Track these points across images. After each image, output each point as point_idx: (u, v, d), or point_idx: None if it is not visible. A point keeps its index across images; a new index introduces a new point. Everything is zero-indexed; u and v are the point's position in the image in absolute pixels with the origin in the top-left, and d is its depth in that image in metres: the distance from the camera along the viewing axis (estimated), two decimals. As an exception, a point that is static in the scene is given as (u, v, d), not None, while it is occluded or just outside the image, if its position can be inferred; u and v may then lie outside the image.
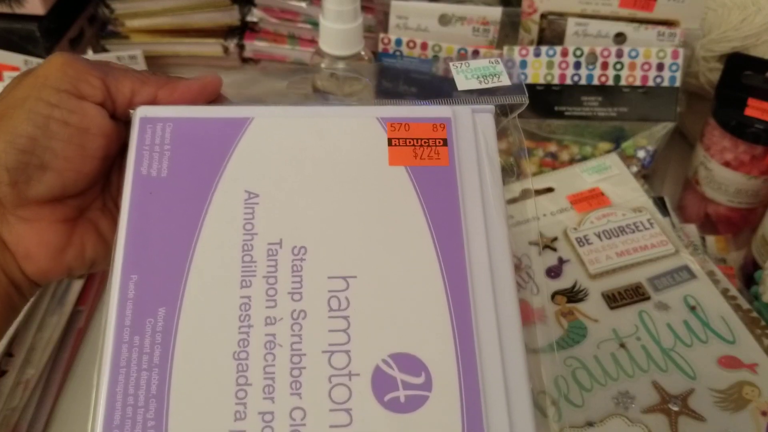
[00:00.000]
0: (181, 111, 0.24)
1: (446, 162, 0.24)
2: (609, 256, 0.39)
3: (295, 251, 0.22)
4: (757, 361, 0.34)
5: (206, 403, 0.20)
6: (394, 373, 0.20)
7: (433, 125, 0.24)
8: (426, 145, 0.24)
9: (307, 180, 0.23)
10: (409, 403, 0.20)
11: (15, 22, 0.48)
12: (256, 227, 0.22)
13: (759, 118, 0.42)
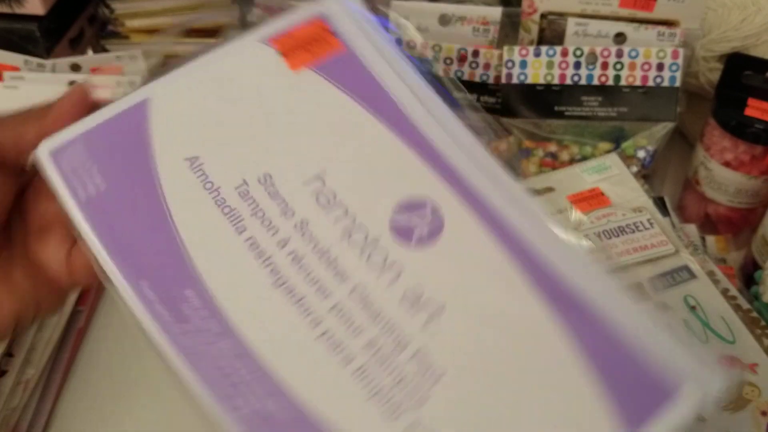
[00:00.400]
0: (80, 126, 0.24)
1: (342, 48, 0.24)
2: (609, 257, 0.39)
3: (261, 180, 0.23)
4: (757, 361, 0.34)
5: (285, 336, 0.21)
6: (405, 218, 0.22)
7: (312, 23, 0.24)
8: (316, 41, 0.24)
9: (233, 123, 0.23)
10: (433, 232, 0.22)
11: (15, 22, 0.48)
12: (215, 182, 0.22)
13: (759, 118, 0.42)
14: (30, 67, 0.49)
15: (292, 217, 0.22)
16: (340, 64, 0.24)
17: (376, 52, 0.24)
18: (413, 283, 0.21)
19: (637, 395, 0.19)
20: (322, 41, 0.24)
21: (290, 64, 0.24)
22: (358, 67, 0.24)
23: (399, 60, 0.24)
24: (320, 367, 0.20)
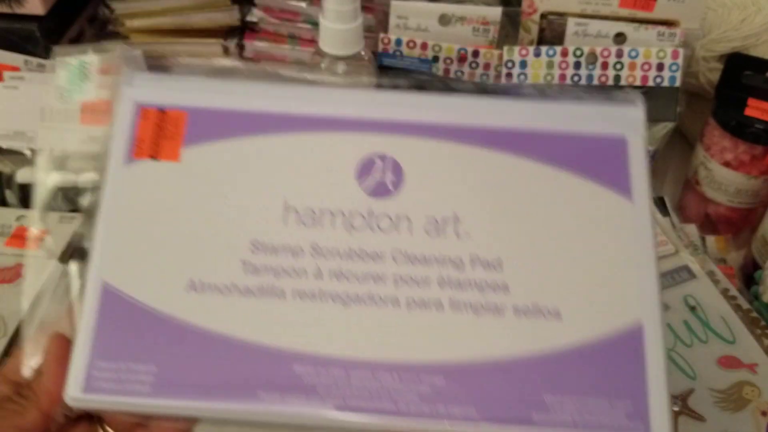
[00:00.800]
0: (82, 353, 0.23)
1: (183, 113, 0.26)
2: (609, 256, 0.39)
3: (253, 249, 0.24)
4: (756, 361, 0.34)
5: (392, 330, 0.23)
6: (370, 179, 0.25)
7: (143, 117, 0.26)
8: (162, 127, 0.26)
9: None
10: (397, 174, 0.25)
11: (15, 22, 0.48)
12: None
13: (759, 118, 0.42)
14: (30, 67, 0.49)
15: (301, 253, 0.24)
16: (198, 125, 0.25)
17: (207, 96, 0.26)
18: (423, 217, 0.24)
19: (608, 166, 0.25)
20: (166, 123, 0.25)
21: (169, 157, 0.25)
22: (215, 114, 0.26)
23: (228, 84, 0.26)
24: (419, 327, 0.23)
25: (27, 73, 0.48)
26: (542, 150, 0.25)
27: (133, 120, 0.26)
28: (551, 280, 0.24)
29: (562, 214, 0.25)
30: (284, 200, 0.25)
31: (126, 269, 0.24)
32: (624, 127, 0.26)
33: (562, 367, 0.23)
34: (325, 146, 0.25)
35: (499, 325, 0.23)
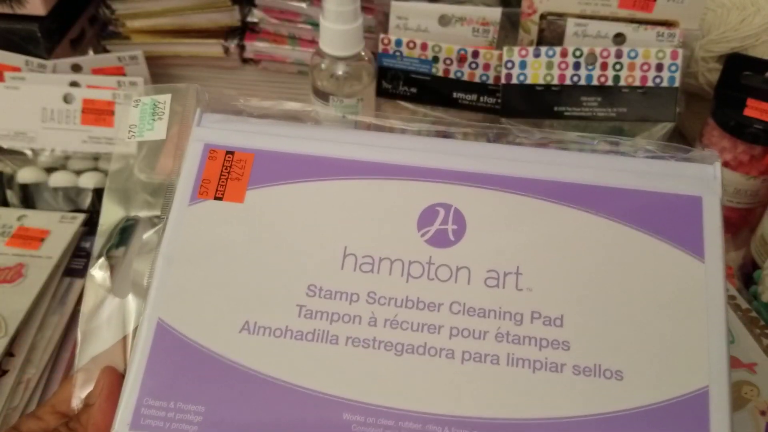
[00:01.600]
0: (132, 390, 0.23)
1: (250, 155, 0.26)
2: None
3: (309, 293, 0.24)
4: (756, 361, 0.34)
5: (447, 384, 0.23)
6: (431, 229, 0.25)
7: (211, 157, 0.26)
8: (229, 168, 0.26)
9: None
10: (459, 224, 0.25)
11: (16, 22, 0.48)
12: (275, 328, 0.25)
13: (758, 118, 0.42)
14: (31, 67, 0.49)
15: (357, 300, 0.24)
16: (264, 167, 0.26)
17: (274, 139, 0.26)
18: (483, 269, 0.24)
19: (681, 225, 0.24)
20: (233, 164, 0.26)
21: (233, 198, 0.25)
22: (281, 157, 0.26)
23: (288, 126, 0.27)
24: (473, 381, 0.22)
25: (28, 74, 0.49)
26: (611, 206, 0.25)
27: (202, 160, 0.26)
28: (615, 340, 0.23)
29: (629, 273, 0.24)
30: (344, 246, 0.25)
31: (182, 308, 0.24)
32: (699, 187, 0.25)
33: (621, 429, 0.22)
34: (388, 193, 0.25)
35: (558, 383, 0.23)
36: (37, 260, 0.42)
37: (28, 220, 0.45)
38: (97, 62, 0.49)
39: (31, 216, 0.45)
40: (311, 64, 0.44)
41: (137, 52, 0.50)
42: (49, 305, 0.41)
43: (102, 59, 0.50)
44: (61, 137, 0.48)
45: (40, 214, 0.46)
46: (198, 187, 0.25)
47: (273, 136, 0.26)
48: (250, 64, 0.54)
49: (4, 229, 0.44)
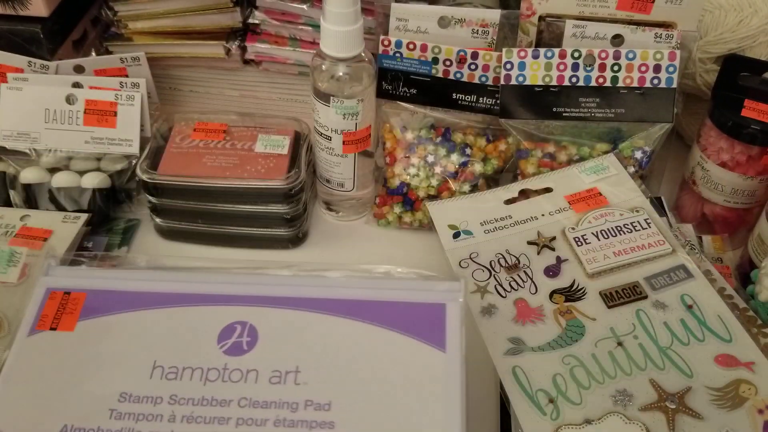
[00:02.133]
0: None
1: (83, 294, 0.33)
2: (607, 256, 0.40)
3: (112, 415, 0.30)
4: (753, 360, 0.34)
5: None
6: (229, 342, 0.32)
7: (51, 297, 0.33)
8: (64, 305, 0.33)
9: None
10: (252, 336, 0.33)
11: (18, 23, 0.49)
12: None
13: (755, 118, 0.42)
14: (34, 68, 0.49)
15: (160, 402, 0.30)
16: (94, 303, 0.33)
17: (104, 281, 0.34)
18: (269, 370, 0.31)
19: (428, 326, 0.32)
20: (69, 301, 0.33)
21: (65, 328, 0.32)
22: (107, 294, 0.33)
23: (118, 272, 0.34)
24: None
25: (31, 75, 0.49)
26: (374, 314, 0.32)
27: (43, 301, 0.33)
28: (373, 419, 0.29)
29: (385, 364, 0.31)
30: (153, 360, 0.31)
31: (14, 417, 0.30)
32: (445, 297, 0.33)
33: None
34: (194, 317, 0.33)
35: None
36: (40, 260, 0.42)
37: (31, 220, 0.45)
38: (99, 63, 0.50)
39: (34, 216, 0.46)
40: (312, 66, 0.44)
41: (139, 54, 0.50)
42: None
43: (104, 60, 0.50)
44: (64, 138, 0.48)
45: (43, 214, 0.46)
46: (37, 321, 0.33)
47: (102, 279, 0.34)
48: (251, 65, 0.54)
49: (8, 229, 0.45)
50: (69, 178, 0.47)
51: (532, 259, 0.40)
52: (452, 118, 0.47)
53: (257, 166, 0.45)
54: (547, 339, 0.36)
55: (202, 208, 0.46)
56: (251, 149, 0.47)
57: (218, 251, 0.48)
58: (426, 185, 0.47)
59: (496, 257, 0.41)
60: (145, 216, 0.49)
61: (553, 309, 0.38)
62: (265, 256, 0.47)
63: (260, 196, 0.45)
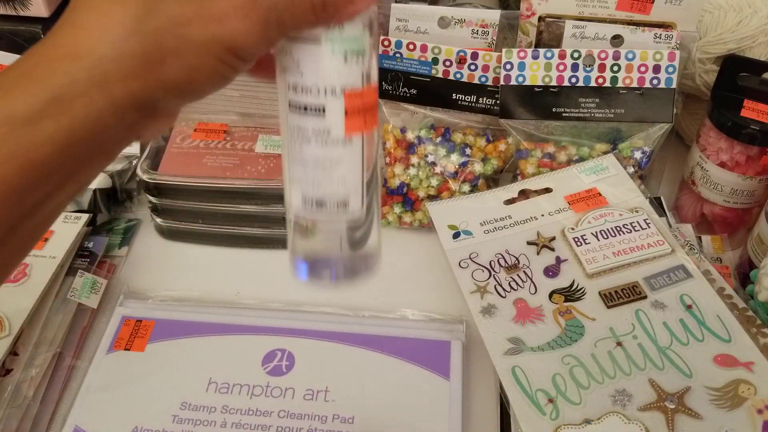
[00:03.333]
0: None
1: (152, 322, 0.42)
2: (606, 256, 0.40)
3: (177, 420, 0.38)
4: (752, 360, 0.34)
5: None
6: (271, 365, 0.40)
7: (124, 324, 0.42)
8: (135, 331, 0.42)
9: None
10: (290, 361, 0.40)
11: (19, 24, 0.49)
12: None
13: (754, 119, 0.42)
14: (34, 69, 0.49)
15: (214, 411, 0.37)
16: (161, 329, 0.41)
17: (169, 312, 0.42)
18: (303, 389, 0.38)
19: (436, 359, 0.39)
20: (140, 328, 0.41)
21: (137, 349, 0.40)
22: (172, 323, 0.41)
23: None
24: None
25: (31, 75, 0.49)
26: (392, 348, 0.40)
27: (119, 327, 0.41)
28: (388, 430, 0.36)
29: (398, 388, 0.38)
30: (209, 377, 0.39)
31: (91, 417, 0.37)
32: (450, 336, 0.41)
33: None
34: (243, 343, 0.40)
35: None
36: (41, 260, 0.42)
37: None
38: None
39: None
40: None
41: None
42: (52, 305, 0.41)
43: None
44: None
45: (43, 214, 0.46)
46: (114, 343, 0.40)
47: (168, 311, 0.42)
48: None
49: (8, 229, 0.45)
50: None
51: (532, 259, 0.41)
52: (452, 119, 0.47)
53: (258, 166, 0.46)
54: (547, 339, 0.36)
55: (202, 208, 0.46)
56: (252, 149, 0.47)
57: (219, 251, 0.48)
58: (426, 185, 0.47)
59: (496, 257, 0.41)
60: (145, 216, 0.49)
61: (553, 309, 0.38)
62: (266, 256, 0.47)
63: (261, 197, 0.45)
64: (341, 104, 0.24)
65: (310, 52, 0.24)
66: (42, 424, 0.37)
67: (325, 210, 0.25)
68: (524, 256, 0.41)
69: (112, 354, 0.40)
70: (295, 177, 0.25)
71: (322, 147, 0.25)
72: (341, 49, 0.24)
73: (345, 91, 0.24)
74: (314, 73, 0.24)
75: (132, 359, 0.39)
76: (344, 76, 0.24)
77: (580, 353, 0.35)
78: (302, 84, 0.24)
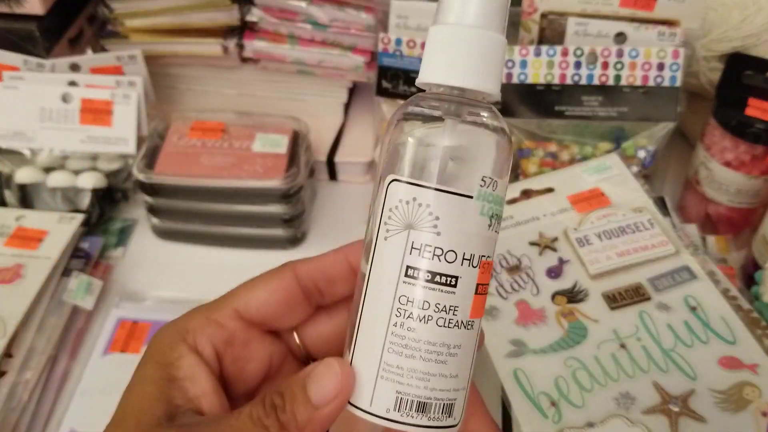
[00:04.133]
0: None
1: None
2: (609, 257, 0.39)
3: None
4: (757, 362, 0.34)
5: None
6: None
7: (120, 326, 0.42)
8: (132, 334, 0.42)
9: None
10: None
11: (14, 21, 0.48)
12: None
13: (759, 117, 0.42)
14: (29, 67, 0.49)
15: None
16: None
17: (165, 315, 0.41)
18: None
19: None
20: (136, 330, 0.41)
21: (133, 351, 0.40)
22: None
23: None
24: None
25: (26, 73, 0.48)
26: None
27: (114, 328, 0.41)
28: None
29: None
30: None
31: (88, 420, 0.37)
32: None
33: None
34: None
35: None
36: (35, 261, 0.42)
37: (26, 220, 0.45)
38: (95, 61, 0.49)
39: (30, 216, 0.45)
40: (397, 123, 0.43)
41: (136, 52, 0.49)
42: (47, 306, 0.41)
43: (100, 58, 0.49)
44: (60, 137, 0.47)
45: (39, 214, 0.46)
46: (110, 345, 0.40)
47: (164, 312, 0.41)
48: (249, 63, 0.54)
49: (3, 229, 0.44)
50: (65, 178, 0.47)
51: (534, 260, 0.40)
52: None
53: (255, 165, 0.45)
54: (549, 341, 0.36)
55: (199, 209, 0.46)
56: (249, 148, 0.46)
57: (216, 252, 0.47)
58: (426, 185, 0.46)
59: (498, 258, 0.40)
60: (141, 216, 0.49)
61: (555, 311, 0.37)
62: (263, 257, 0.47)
63: (258, 196, 0.45)
64: (475, 277, 0.20)
65: (459, 208, 0.19)
66: (37, 427, 0.37)
67: (428, 415, 0.19)
68: (526, 256, 0.40)
69: (108, 356, 0.40)
70: (389, 367, 0.19)
71: (443, 329, 0.19)
72: (490, 210, 0.20)
73: (482, 261, 0.20)
74: (457, 234, 0.19)
75: (128, 361, 0.39)
76: (485, 243, 0.20)
77: (583, 355, 0.35)
78: (436, 245, 0.19)
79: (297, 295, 0.22)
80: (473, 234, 0.19)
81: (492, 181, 0.19)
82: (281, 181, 0.44)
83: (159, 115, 0.50)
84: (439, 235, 0.19)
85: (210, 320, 0.21)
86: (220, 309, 0.22)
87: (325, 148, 0.52)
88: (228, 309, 0.22)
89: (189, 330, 0.21)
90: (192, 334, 0.21)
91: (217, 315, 0.22)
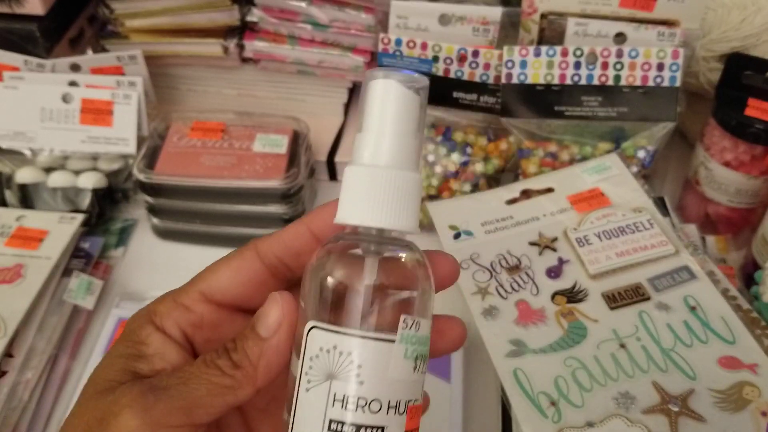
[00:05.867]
0: None
1: None
2: (609, 257, 0.39)
3: None
4: (757, 362, 0.34)
5: None
6: None
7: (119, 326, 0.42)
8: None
9: None
10: None
11: (14, 22, 0.48)
12: None
13: (759, 118, 0.42)
14: (30, 67, 0.49)
15: None
16: None
17: None
18: None
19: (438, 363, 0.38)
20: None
21: None
22: None
23: None
24: None
25: (27, 73, 0.48)
26: None
27: (115, 327, 0.41)
28: None
29: None
30: None
31: None
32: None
33: None
34: None
35: None
36: (35, 260, 0.42)
37: (26, 220, 0.45)
38: (95, 62, 0.49)
39: (30, 216, 0.45)
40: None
41: (136, 52, 0.49)
42: (48, 306, 0.41)
43: (101, 59, 0.49)
44: (60, 137, 0.48)
45: (39, 214, 0.46)
46: (110, 344, 0.38)
47: None
48: (250, 63, 0.54)
49: (3, 229, 0.44)
50: (65, 178, 0.47)
51: (534, 260, 0.40)
52: (453, 117, 0.47)
53: (255, 165, 0.45)
54: (549, 341, 0.36)
55: (199, 209, 0.46)
56: (249, 149, 0.46)
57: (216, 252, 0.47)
58: (426, 185, 0.46)
59: (497, 258, 0.40)
60: (142, 216, 0.49)
61: (555, 310, 0.37)
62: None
63: (258, 197, 0.45)
64: (403, 424, 0.19)
65: (381, 353, 0.18)
66: (38, 426, 0.37)
67: None
68: (526, 256, 0.40)
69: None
70: None
71: None
72: (414, 352, 0.19)
73: (409, 406, 0.19)
74: (380, 381, 0.18)
75: None
76: (411, 388, 0.19)
77: (583, 355, 0.35)
78: (359, 395, 0.18)
79: (261, 273, 0.22)
80: (397, 380, 0.19)
81: (414, 322, 0.19)
82: (281, 181, 0.44)
83: (159, 116, 0.50)
84: (362, 384, 0.18)
85: (177, 303, 0.21)
86: (187, 292, 0.22)
87: (325, 148, 0.52)
88: (194, 292, 0.22)
89: (156, 313, 0.21)
90: (159, 317, 0.21)
91: (184, 298, 0.22)
